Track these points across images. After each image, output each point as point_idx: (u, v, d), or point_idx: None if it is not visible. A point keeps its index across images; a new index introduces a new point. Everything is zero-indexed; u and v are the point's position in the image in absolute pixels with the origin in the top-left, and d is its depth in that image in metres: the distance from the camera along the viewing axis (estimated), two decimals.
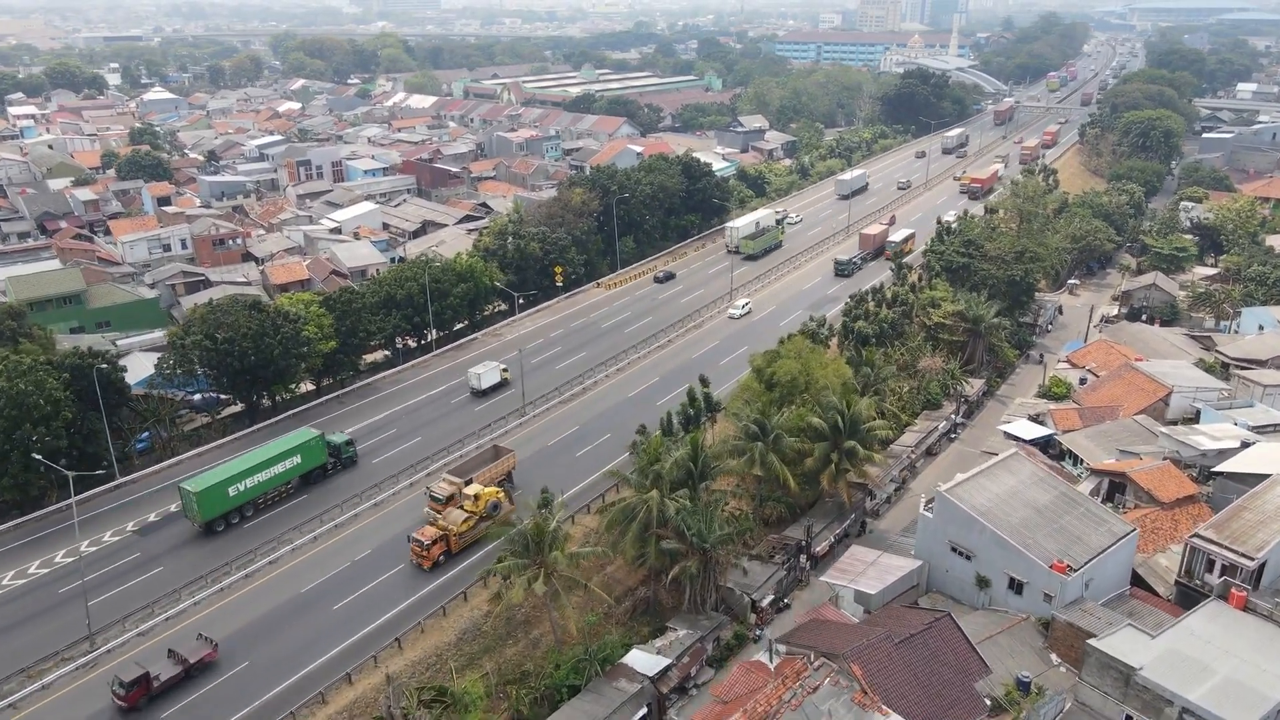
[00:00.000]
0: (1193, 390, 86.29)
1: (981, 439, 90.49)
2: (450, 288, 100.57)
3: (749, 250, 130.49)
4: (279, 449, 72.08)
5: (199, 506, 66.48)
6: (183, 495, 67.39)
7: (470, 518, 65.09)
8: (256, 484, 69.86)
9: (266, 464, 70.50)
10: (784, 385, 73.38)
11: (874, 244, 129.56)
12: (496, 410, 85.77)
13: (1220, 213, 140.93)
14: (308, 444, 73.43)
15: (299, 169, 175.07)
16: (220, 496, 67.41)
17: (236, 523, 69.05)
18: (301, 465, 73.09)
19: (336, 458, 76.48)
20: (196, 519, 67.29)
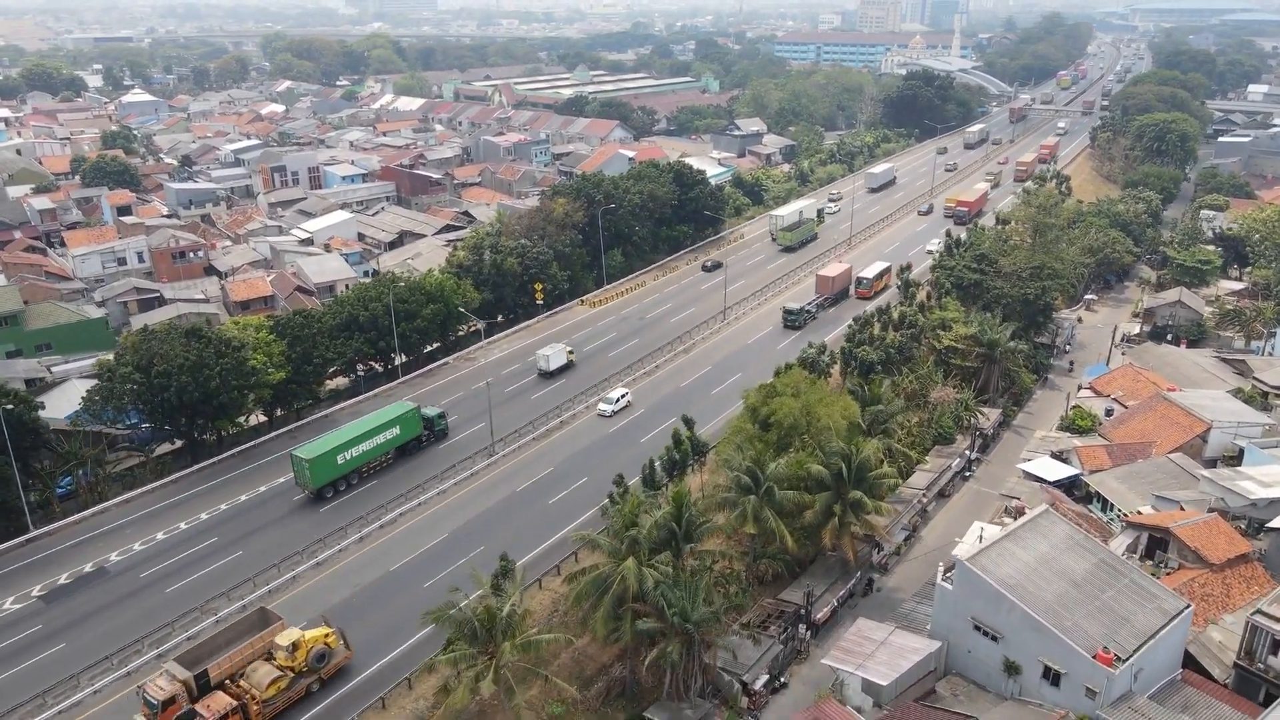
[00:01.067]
0: (1234, 426, 77.98)
1: (999, 478, 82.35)
2: (418, 308, 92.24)
3: (786, 241, 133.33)
4: (380, 420, 74.70)
5: (311, 474, 69.13)
6: (295, 463, 69.94)
7: (283, 676, 49.25)
8: (361, 453, 72.64)
9: (369, 434, 73.18)
10: (781, 426, 65.06)
11: (834, 287, 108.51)
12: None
13: (1246, 222, 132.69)
14: (405, 415, 76.03)
15: (274, 175, 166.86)
16: (330, 464, 70.27)
17: (343, 490, 71.39)
18: (399, 437, 75.61)
19: (430, 430, 78.99)
20: (308, 486, 69.94)
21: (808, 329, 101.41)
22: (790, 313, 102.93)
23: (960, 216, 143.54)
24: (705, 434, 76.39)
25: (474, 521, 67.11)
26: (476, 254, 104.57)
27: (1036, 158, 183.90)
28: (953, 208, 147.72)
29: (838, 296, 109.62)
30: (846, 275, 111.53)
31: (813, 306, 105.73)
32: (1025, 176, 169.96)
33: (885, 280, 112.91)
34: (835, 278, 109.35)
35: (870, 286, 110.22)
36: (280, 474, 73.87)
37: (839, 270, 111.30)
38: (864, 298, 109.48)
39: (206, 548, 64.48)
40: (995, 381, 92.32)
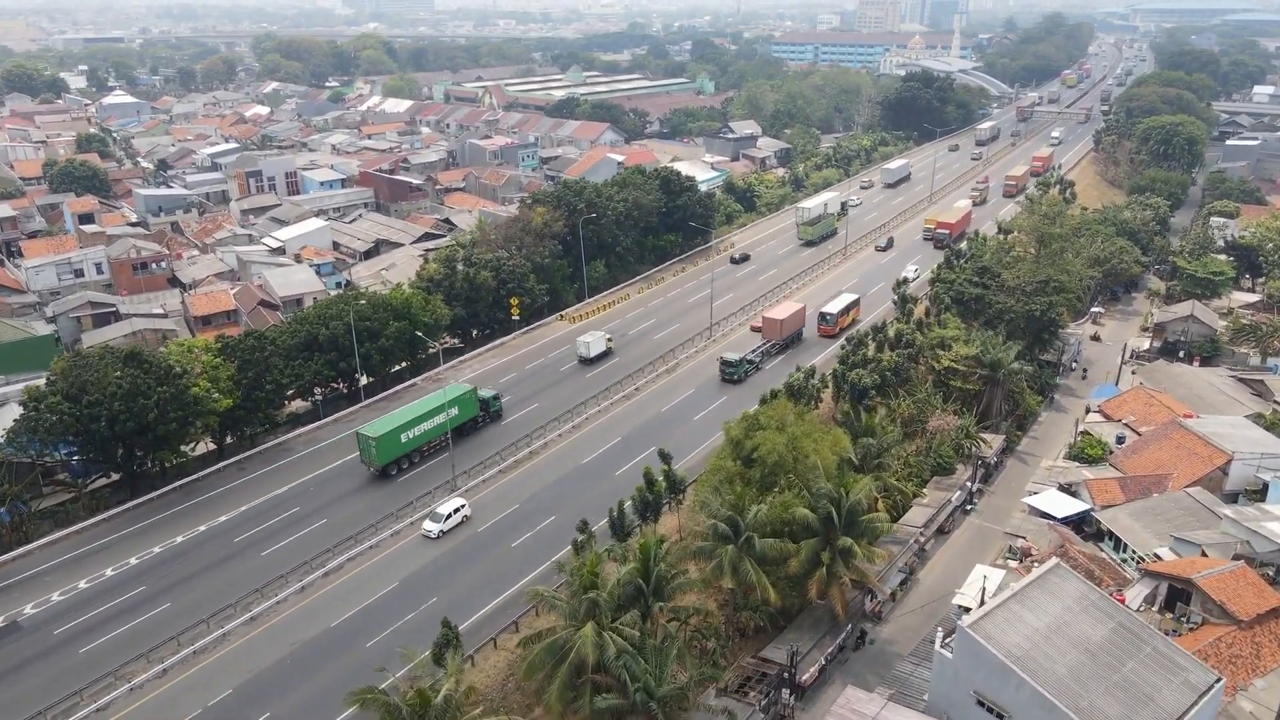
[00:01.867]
0: (1257, 457, 72.13)
1: (1003, 511, 76.50)
2: (382, 327, 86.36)
3: (807, 236, 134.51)
4: (439, 400, 76.27)
5: (377, 451, 71.20)
6: (361, 441, 72.11)
7: None
8: (422, 432, 74.49)
9: (430, 414, 74.90)
10: (765, 464, 59.21)
11: (783, 331, 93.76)
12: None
13: (1260, 231, 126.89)
14: (463, 397, 77.80)
15: (249, 180, 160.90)
16: (395, 442, 72.29)
17: (406, 468, 73.58)
18: (457, 417, 76.70)
19: (485, 411, 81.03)
20: (374, 464, 72.17)
21: (748, 383, 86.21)
22: (728, 364, 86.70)
23: (940, 240, 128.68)
24: (688, 465, 70.76)
25: (423, 573, 61.24)
26: (448, 267, 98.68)
27: (1028, 171, 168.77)
28: (931, 230, 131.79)
29: (789, 341, 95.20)
30: (799, 316, 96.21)
31: (756, 355, 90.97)
32: (1015, 192, 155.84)
33: (854, 314, 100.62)
34: (785, 320, 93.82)
35: (835, 323, 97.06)
36: (223, 510, 68.14)
37: (790, 311, 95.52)
38: (828, 335, 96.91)
39: (132, 598, 58.61)
40: (998, 405, 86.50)
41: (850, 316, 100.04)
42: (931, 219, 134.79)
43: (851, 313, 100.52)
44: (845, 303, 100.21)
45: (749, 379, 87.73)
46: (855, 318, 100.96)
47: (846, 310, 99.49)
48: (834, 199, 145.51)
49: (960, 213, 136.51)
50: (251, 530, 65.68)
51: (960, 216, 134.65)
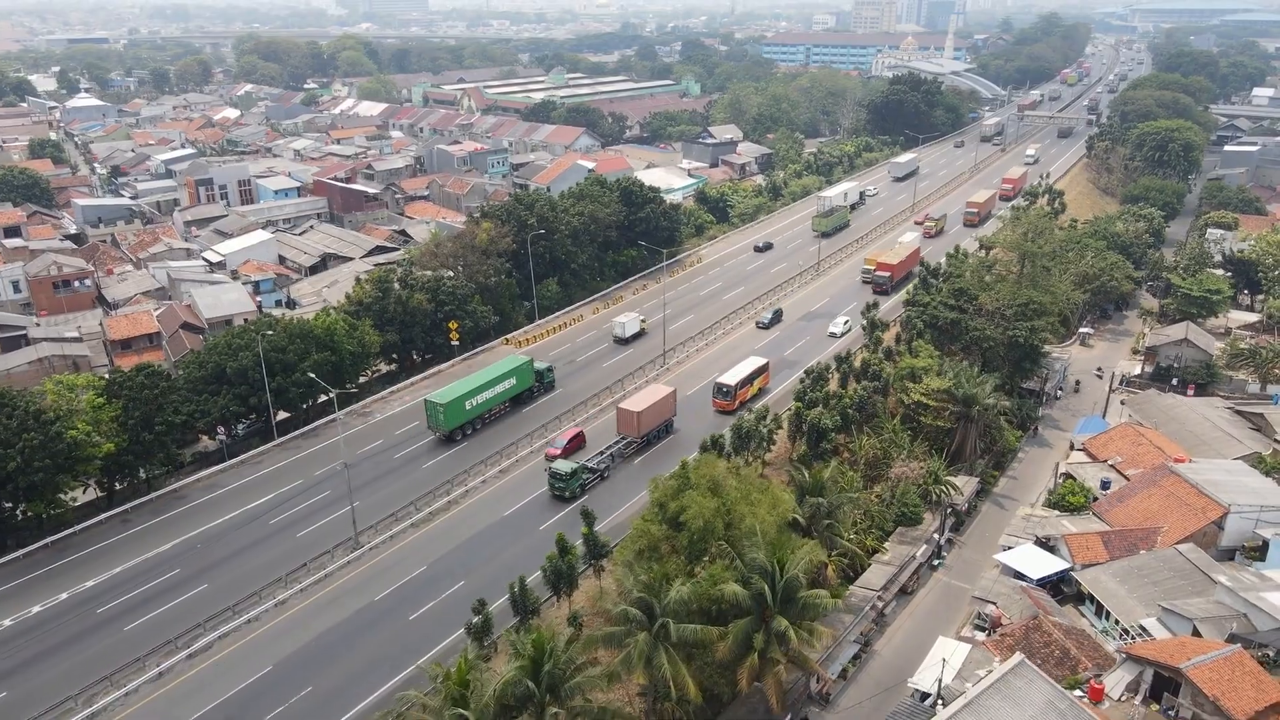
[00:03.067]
0: (1256, 510, 64.69)
1: (974, 566, 69.13)
2: (300, 357, 78.82)
3: (821, 228, 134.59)
4: (499, 371, 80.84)
5: (445, 417, 75.19)
6: (429, 408, 75.99)
7: None
8: (485, 400, 78.78)
9: (491, 383, 79.33)
10: (695, 530, 51.67)
11: (642, 425, 72.96)
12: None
13: (1260, 245, 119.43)
14: (520, 367, 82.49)
15: (198, 189, 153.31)
16: (460, 409, 76.42)
17: (470, 434, 77.76)
18: (516, 387, 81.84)
19: (539, 382, 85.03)
20: (441, 429, 76.09)
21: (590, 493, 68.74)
22: (559, 477, 66.88)
23: (880, 284, 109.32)
24: (623, 521, 63.22)
25: (302, 654, 53.66)
26: (381, 288, 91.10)
27: (996, 195, 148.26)
28: (870, 271, 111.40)
29: (656, 434, 75.41)
30: (667, 404, 75.83)
31: (603, 460, 70.69)
32: (977, 221, 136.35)
33: (761, 382, 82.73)
34: (644, 411, 72.65)
35: (733, 396, 78.80)
36: (94, 572, 60.55)
37: (653, 399, 74.13)
38: (725, 411, 78.80)
39: None
40: (972, 444, 78.97)
41: (756, 385, 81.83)
42: (872, 258, 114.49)
43: (757, 381, 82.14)
44: (749, 370, 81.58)
45: (590, 491, 68.25)
46: (763, 385, 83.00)
47: (751, 378, 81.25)
48: (853, 188, 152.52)
49: (906, 250, 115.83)
50: (120, 599, 58.04)
51: (906, 255, 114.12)
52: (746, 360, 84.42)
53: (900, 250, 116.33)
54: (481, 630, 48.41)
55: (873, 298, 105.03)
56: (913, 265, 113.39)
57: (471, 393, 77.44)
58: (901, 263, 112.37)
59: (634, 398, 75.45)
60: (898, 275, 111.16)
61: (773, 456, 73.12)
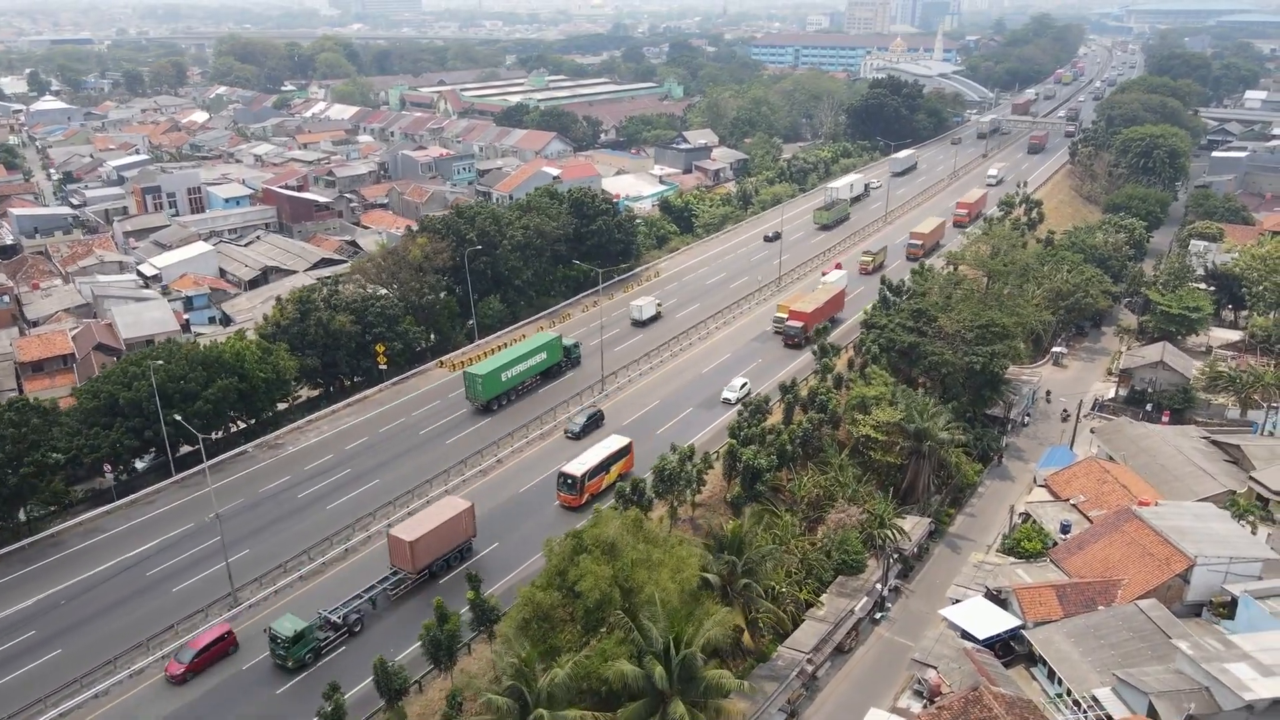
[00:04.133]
0: (1224, 562, 59.07)
1: (920, 620, 63.60)
2: (202, 386, 73.18)
3: (822, 220, 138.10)
4: (532, 345, 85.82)
5: (483, 388, 79.91)
6: (468, 379, 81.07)
7: None
8: (518, 373, 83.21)
9: (524, 357, 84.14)
10: (591, 601, 46.01)
11: (416, 558, 56.78)
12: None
13: (1244, 258, 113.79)
14: (551, 343, 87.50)
15: (145, 197, 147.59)
16: (496, 380, 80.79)
17: (505, 405, 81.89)
18: (546, 361, 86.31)
19: (567, 357, 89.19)
20: (478, 399, 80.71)
21: None
22: (279, 642, 50.64)
23: (791, 335, 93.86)
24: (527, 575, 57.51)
25: None
26: (302, 309, 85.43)
27: (943, 225, 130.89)
28: (782, 320, 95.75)
29: (445, 562, 59.15)
30: (460, 523, 59.36)
31: (350, 613, 53.60)
32: (921, 253, 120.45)
33: (622, 467, 68.50)
34: (421, 540, 56.48)
35: (580, 488, 64.75)
36: None
37: (439, 519, 58.20)
38: (571, 507, 65.25)
39: None
40: (925, 481, 73.29)
41: (614, 472, 67.79)
42: (785, 304, 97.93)
43: (616, 466, 68.09)
44: (605, 454, 67.39)
45: (330, 655, 52.18)
46: (625, 471, 68.54)
47: (606, 464, 67.15)
48: (858, 180, 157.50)
49: (828, 293, 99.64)
50: None
51: (824, 301, 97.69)
52: (605, 441, 69.99)
53: (823, 293, 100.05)
54: None
55: (785, 352, 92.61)
56: (834, 311, 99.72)
57: (507, 365, 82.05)
58: (818, 310, 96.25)
59: (410, 521, 59.26)
60: (813, 324, 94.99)
61: (707, 495, 67.60)
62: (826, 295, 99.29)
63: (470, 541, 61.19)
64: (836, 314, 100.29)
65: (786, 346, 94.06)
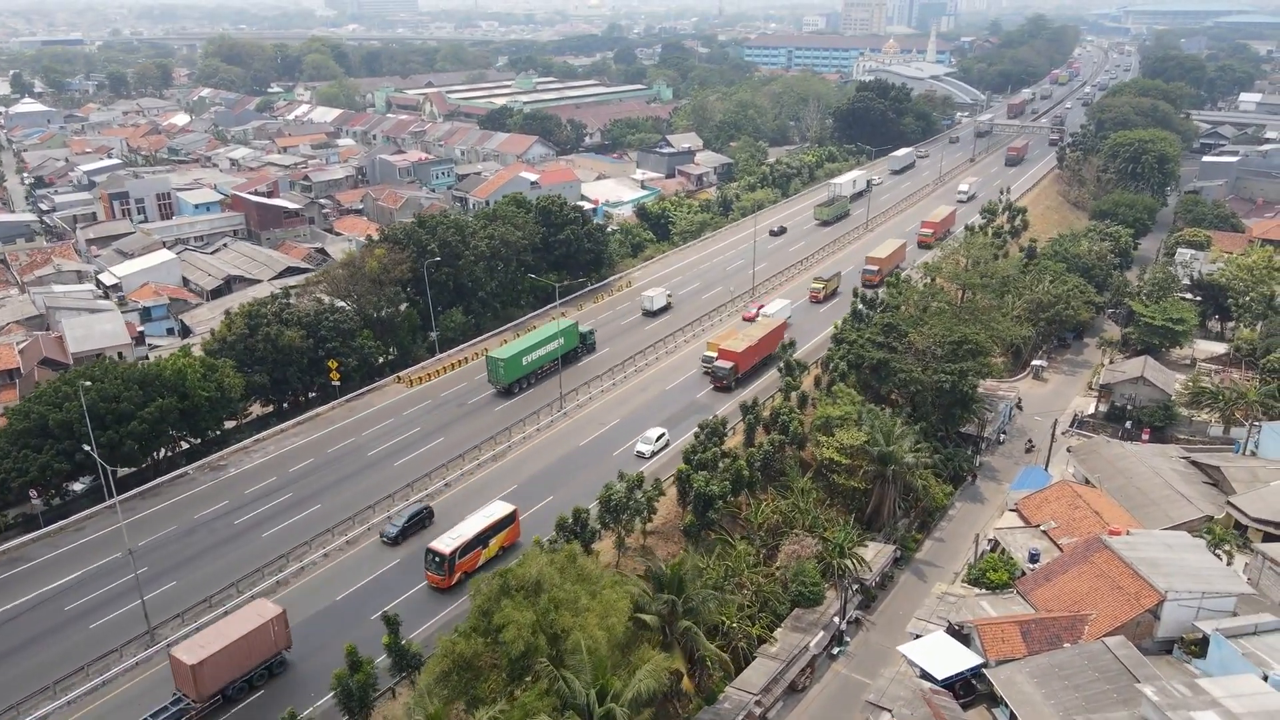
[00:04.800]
0: (1196, 597, 56.16)
1: (880, 655, 60.79)
2: (139, 406, 70.30)
3: (822, 216, 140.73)
4: (550, 331, 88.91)
5: (505, 371, 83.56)
6: (490, 363, 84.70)
7: None
8: (538, 357, 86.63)
9: (544, 342, 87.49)
10: (515, 651, 43.06)
11: (203, 683, 47.81)
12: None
13: (1230, 268, 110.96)
14: (568, 329, 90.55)
15: (113, 203, 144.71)
16: (518, 364, 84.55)
17: (525, 389, 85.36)
18: (564, 346, 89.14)
19: (583, 343, 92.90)
20: (500, 382, 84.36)
21: None
22: None
23: (720, 376, 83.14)
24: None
25: None
26: (251, 324, 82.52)
27: (903, 248, 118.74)
28: (711, 360, 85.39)
29: (247, 681, 49.96)
30: (265, 635, 50.37)
31: None
32: (879, 280, 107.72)
33: (504, 539, 59.91)
34: (208, 661, 47.68)
35: (450, 568, 56.72)
36: None
37: (238, 632, 49.46)
38: (440, 588, 57.26)
39: None
40: (890, 506, 70.41)
41: (494, 546, 59.13)
42: (715, 341, 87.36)
43: (496, 539, 59.31)
44: (483, 525, 58.63)
45: None
46: (507, 544, 59.85)
47: (484, 537, 58.32)
48: (861, 176, 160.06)
49: (765, 329, 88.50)
50: None
51: (762, 336, 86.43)
52: (486, 508, 60.90)
53: (754, 330, 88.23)
54: None
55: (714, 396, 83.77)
56: (772, 347, 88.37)
57: (528, 350, 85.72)
58: (752, 348, 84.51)
59: (196, 639, 49.69)
60: (747, 364, 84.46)
61: (661, 522, 64.66)
62: (763, 330, 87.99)
63: (282, 654, 51.45)
64: (773, 350, 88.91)
65: (716, 390, 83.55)
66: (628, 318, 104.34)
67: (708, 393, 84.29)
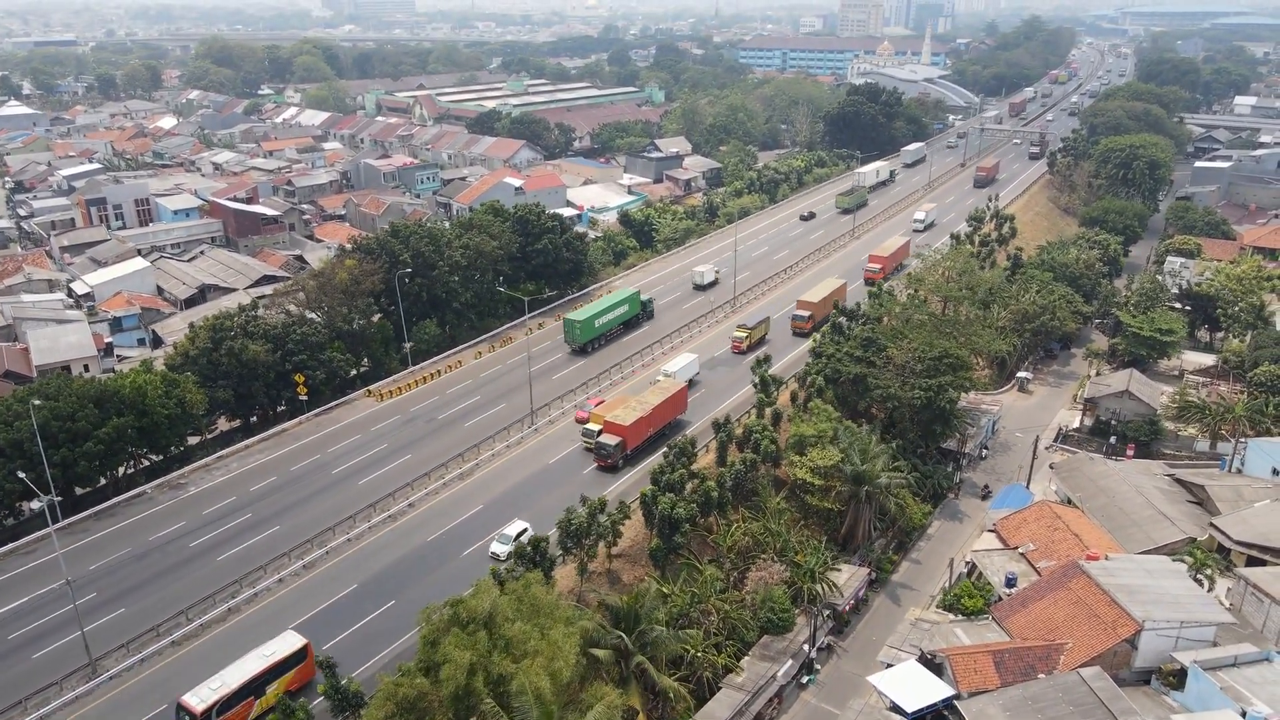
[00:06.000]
0: (1174, 627, 54.39)
1: (851, 684, 59.07)
2: (95, 425, 68.47)
3: (844, 205, 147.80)
4: (618, 298, 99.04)
5: (580, 332, 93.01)
6: (568, 324, 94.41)
7: None
8: (607, 321, 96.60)
9: (613, 308, 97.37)
10: (448, 691, 41.27)
11: None
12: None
13: (1219, 278, 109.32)
14: (632, 297, 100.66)
15: (90, 209, 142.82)
16: (591, 326, 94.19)
17: (597, 348, 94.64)
18: (628, 312, 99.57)
19: (644, 310, 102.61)
20: (576, 342, 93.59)
21: None
22: None
23: (604, 454, 70.31)
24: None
25: None
26: (215, 338, 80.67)
27: (842, 288, 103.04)
28: (593, 436, 72.02)
29: None
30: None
31: None
32: (808, 327, 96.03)
33: (296, 677, 50.28)
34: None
35: None
36: None
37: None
38: None
39: None
40: (865, 527, 68.64)
41: (272, 694, 48.70)
42: (599, 413, 73.96)
43: (280, 682, 49.25)
44: (259, 669, 48.54)
45: None
46: (298, 683, 50.23)
47: (259, 684, 48.36)
48: (884, 167, 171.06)
49: (662, 394, 74.56)
50: None
51: (657, 405, 72.93)
52: (267, 645, 50.53)
53: (648, 397, 74.19)
54: None
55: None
56: (673, 414, 75.43)
57: (600, 314, 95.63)
58: (643, 419, 71.12)
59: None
60: (635, 441, 71.38)
61: (628, 544, 62.87)
62: (660, 396, 73.90)
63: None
64: (679, 415, 76.71)
65: (600, 469, 70.41)
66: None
67: (592, 471, 70.87)
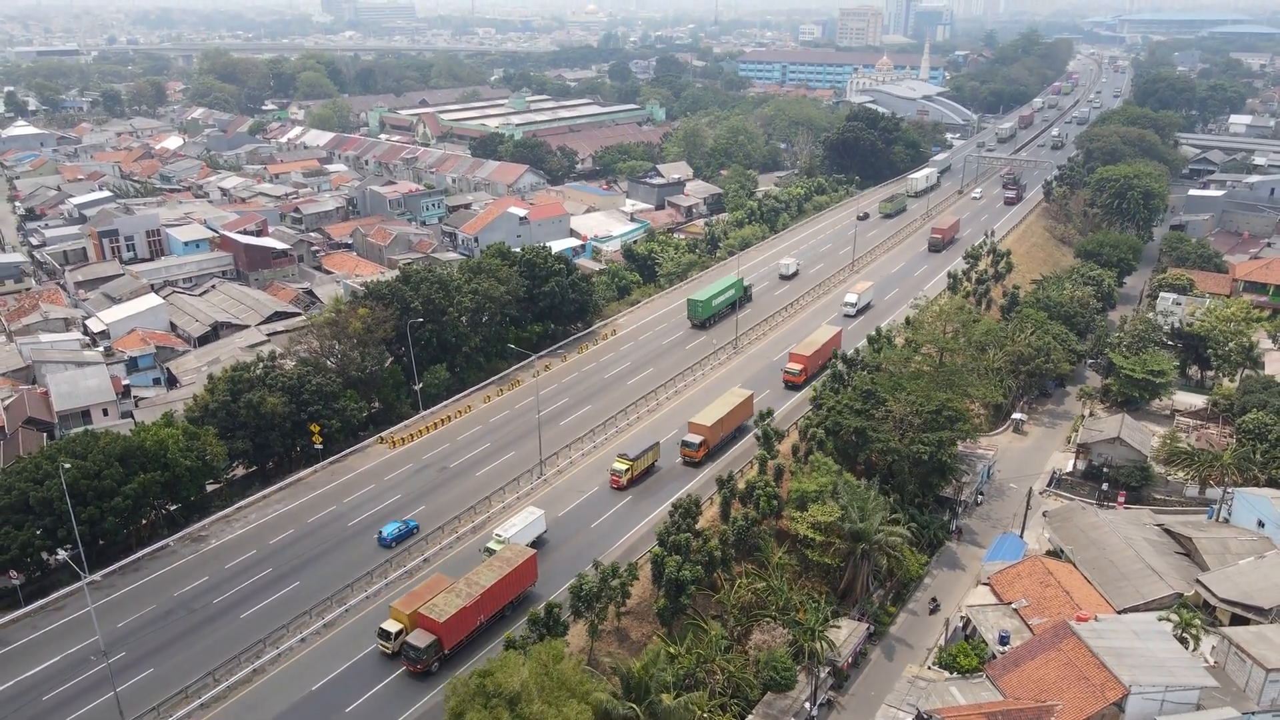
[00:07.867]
0: (1160, 691, 56.90)
1: None
2: (120, 482, 70.89)
3: (886, 210, 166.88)
4: (727, 283, 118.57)
5: (701, 309, 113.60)
6: (690, 304, 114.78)
7: None
8: (719, 301, 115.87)
9: (724, 290, 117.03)
10: None
11: None
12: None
13: (1209, 318, 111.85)
14: (737, 283, 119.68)
15: (102, 240, 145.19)
16: (709, 305, 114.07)
17: (711, 325, 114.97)
18: (733, 295, 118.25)
19: (746, 295, 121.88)
20: (697, 318, 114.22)
21: None
22: None
23: (414, 659, 57.77)
24: None
25: None
26: (233, 390, 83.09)
27: (749, 401, 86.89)
28: (389, 635, 58.99)
29: None
30: None
31: None
32: (699, 457, 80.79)
33: None
34: None
35: None
36: None
37: None
38: None
39: None
40: (863, 581, 71.16)
41: None
42: (399, 606, 60.49)
43: None
44: None
45: None
46: None
47: None
48: (932, 173, 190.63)
49: (498, 574, 61.13)
50: None
51: (491, 586, 60.33)
52: None
53: (482, 576, 61.11)
54: None
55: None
56: (509, 597, 62.42)
57: (716, 295, 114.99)
58: (460, 615, 58.13)
59: None
60: (458, 636, 58.86)
61: (636, 602, 65.38)
62: (495, 576, 60.67)
63: None
64: (526, 590, 63.98)
65: (411, 675, 57.89)
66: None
67: None
